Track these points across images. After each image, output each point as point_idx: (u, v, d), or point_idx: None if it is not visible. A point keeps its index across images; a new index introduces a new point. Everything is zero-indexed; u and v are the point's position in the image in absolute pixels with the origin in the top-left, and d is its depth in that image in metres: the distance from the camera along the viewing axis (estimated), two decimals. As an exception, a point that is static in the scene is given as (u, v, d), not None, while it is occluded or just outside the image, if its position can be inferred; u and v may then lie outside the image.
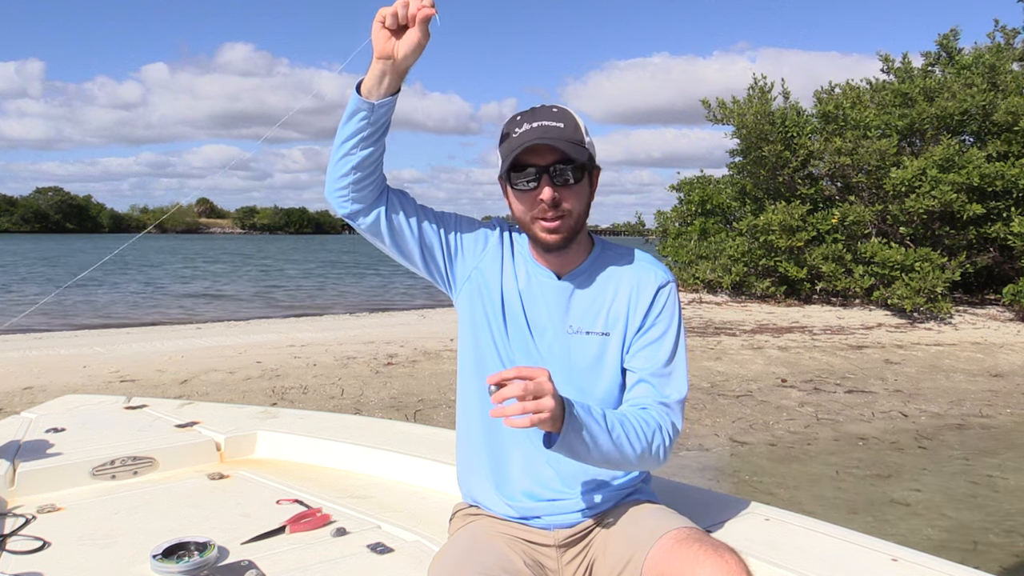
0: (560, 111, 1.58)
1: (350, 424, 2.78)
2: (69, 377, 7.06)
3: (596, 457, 1.46)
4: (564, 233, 1.56)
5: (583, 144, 1.55)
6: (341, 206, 1.58)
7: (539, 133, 1.51)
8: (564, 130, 1.53)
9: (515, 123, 1.56)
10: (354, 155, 1.52)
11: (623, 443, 1.47)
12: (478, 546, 1.53)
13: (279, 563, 1.69)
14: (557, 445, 1.39)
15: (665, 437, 1.54)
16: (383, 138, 1.54)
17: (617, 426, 1.47)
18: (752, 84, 14.92)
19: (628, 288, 1.63)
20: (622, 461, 1.50)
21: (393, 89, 1.49)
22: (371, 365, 7.99)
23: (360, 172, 1.53)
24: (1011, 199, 12.85)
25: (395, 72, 1.47)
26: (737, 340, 10.31)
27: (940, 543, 4.05)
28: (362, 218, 1.58)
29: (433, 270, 1.66)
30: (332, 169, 1.55)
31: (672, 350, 1.61)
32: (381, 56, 1.45)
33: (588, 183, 1.60)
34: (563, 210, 1.54)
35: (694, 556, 1.36)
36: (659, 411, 1.56)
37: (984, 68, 13.63)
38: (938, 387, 8.02)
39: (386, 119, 1.52)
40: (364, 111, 1.49)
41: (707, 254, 15.45)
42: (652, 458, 1.52)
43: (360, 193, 1.56)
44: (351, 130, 1.51)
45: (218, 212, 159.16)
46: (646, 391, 1.58)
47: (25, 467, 2.16)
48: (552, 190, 1.52)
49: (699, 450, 5.75)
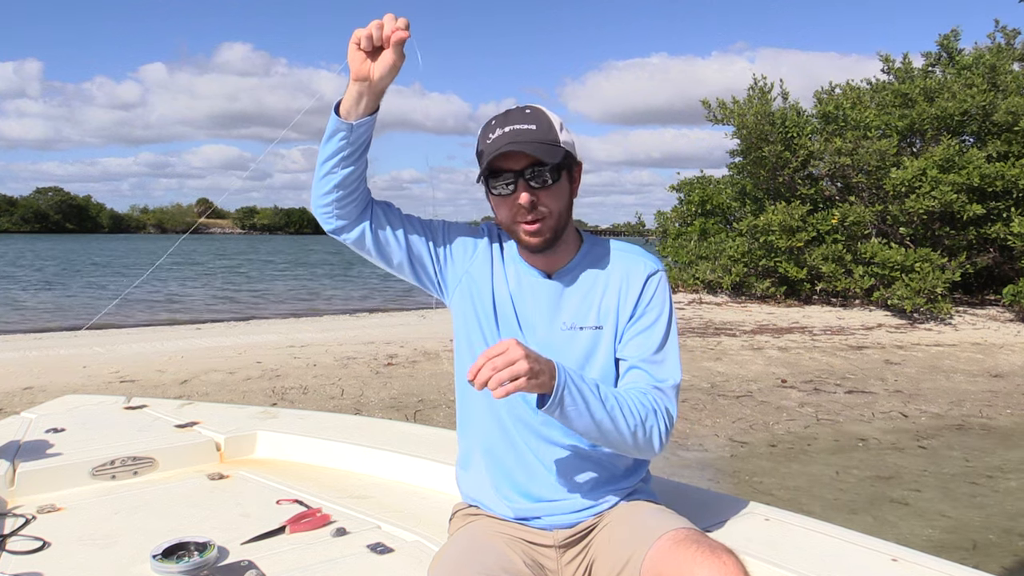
0: (533, 112, 1.58)
1: (350, 424, 2.78)
2: (69, 377, 7.06)
3: (589, 425, 1.46)
4: (546, 234, 1.58)
5: (558, 143, 1.55)
6: (326, 222, 1.61)
7: (510, 138, 1.52)
8: (536, 132, 1.54)
9: (489, 128, 1.58)
10: (336, 174, 1.54)
11: (617, 415, 1.47)
12: (478, 546, 1.53)
13: (279, 563, 1.69)
14: (549, 405, 1.41)
15: (660, 421, 1.53)
16: (363, 156, 1.55)
17: (611, 398, 1.48)
18: (752, 84, 14.93)
19: (618, 280, 1.64)
20: (616, 436, 1.49)
21: (371, 109, 1.51)
22: (371, 365, 7.99)
23: (342, 190, 1.56)
24: (1011, 199, 12.85)
25: (372, 93, 1.48)
26: (737, 340, 10.31)
27: (940, 543, 4.05)
28: (347, 233, 1.61)
29: (423, 278, 1.68)
30: (315, 187, 1.58)
31: (663, 337, 1.61)
32: (357, 78, 1.47)
33: (568, 180, 1.61)
34: (542, 212, 1.56)
35: (691, 557, 1.36)
36: (654, 395, 1.56)
37: (984, 68, 13.64)
38: (938, 387, 8.02)
39: (366, 138, 1.54)
40: (343, 131, 1.50)
41: (707, 254, 15.45)
42: (646, 441, 1.52)
43: (344, 210, 1.58)
44: (331, 150, 1.52)
45: (218, 212, 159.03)
46: (639, 377, 1.59)
47: (25, 467, 2.16)
48: (529, 194, 1.54)
49: (699, 450, 5.75)
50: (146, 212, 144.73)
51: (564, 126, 1.60)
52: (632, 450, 1.55)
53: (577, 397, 1.42)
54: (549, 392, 1.40)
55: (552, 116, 1.59)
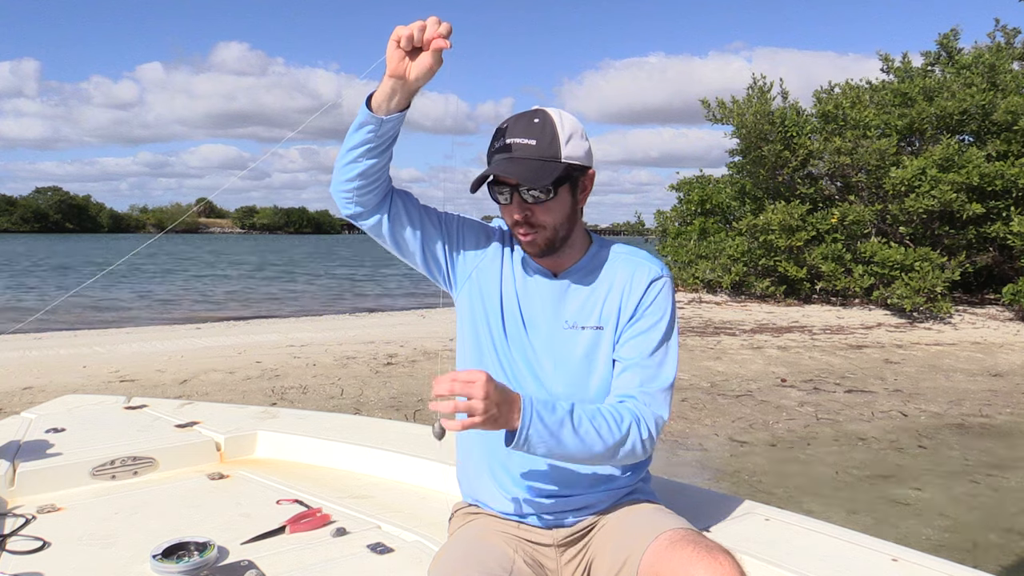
0: (540, 122, 1.56)
1: (350, 424, 2.78)
2: (69, 377, 7.06)
3: (560, 454, 1.46)
4: (540, 245, 1.59)
5: (557, 159, 1.54)
6: (345, 207, 1.61)
7: (505, 156, 1.54)
8: (535, 147, 1.53)
9: (498, 135, 1.58)
10: (360, 163, 1.54)
11: (592, 438, 1.47)
12: (478, 546, 1.53)
13: (279, 563, 1.69)
14: (514, 444, 1.41)
15: (643, 430, 1.53)
16: (389, 149, 1.56)
17: (585, 421, 1.47)
18: (752, 84, 14.93)
19: (622, 282, 1.64)
20: (592, 456, 1.49)
21: (402, 106, 1.51)
22: (371, 365, 7.99)
23: (364, 180, 1.56)
24: (1011, 199, 12.86)
25: (405, 92, 1.49)
26: (737, 340, 10.31)
27: (940, 543, 4.05)
28: (364, 220, 1.62)
29: (434, 270, 1.69)
30: (338, 172, 1.58)
31: (660, 341, 1.61)
32: (393, 75, 1.46)
33: (570, 192, 1.60)
34: (535, 226, 1.57)
35: (688, 558, 1.36)
36: (641, 401, 1.56)
37: (984, 68, 13.64)
38: (938, 387, 8.02)
39: (393, 133, 1.54)
40: (372, 125, 1.51)
41: (707, 254, 15.46)
42: (629, 451, 1.52)
43: (364, 197, 1.59)
44: (358, 140, 1.53)
45: (218, 212, 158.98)
46: (631, 379, 1.59)
47: (25, 467, 2.16)
48: (522, 208, 1.56)
49: (699, 450, 5.75)
50: (145, 212, 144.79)
51: (580, 133, 1.58)
52: (612, 461, 1.55)
53: (544, 434, 1.42)
54: (514, 430, 1.40)
55: (561, 126, 1.56)
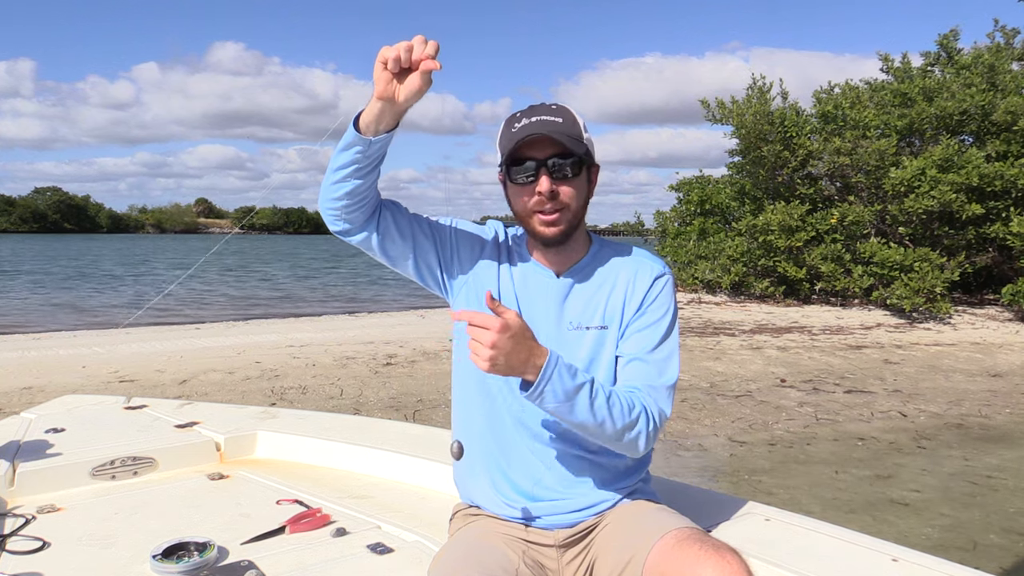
0: (559, 107, 1.60)
1: (350, 424, 2.77)
2: (68, 377, 7.06)
3: (568, 418, 1.46)
4: (562, 226, 1.58)
5: (581, 139, 1.57)
6: (333, 224, 1.60)
7: (537, 127, 1.54)
8: (562, 124, 1.56)
9: (514, 119, 1.59)
10: (347, 183, 1.53)
11: (603, 414, 1.47)
12: (478, 546, 1.53)
13: (279, 563, 1.69)
14: (528, 394, 1.41)
15: (649, 422, 1.53)
16: (377, 169, 1.54)
17: (601, 396, 1.47)
18: (751, 84, 14.94)
19: (625, 281, 1.64)
20: (596, 431, 1.49)
21: (390, 127, 1.49)
22: (370, 365, 7.99)
23: (351, 199, 1.55)
24: (1010, 199, 12.86)
25: (394, 113, 1.47)
26: (736, 340, 10.31)
27: (940, 543, 4.05)
28: (353, 236, 1.61)
29: (429, 279, 1.68)
30: (325, 190, 1.57)
31: (664, 336, 1.62)
32: (381, 97, 1.44)
33: (587, 179, 1.62)
34: (561, 203, 1.56)
35: (695, 556, 1.36)
36: (648, 394, 1.56)
37: (983, 68, 13.65)
38: (937, 387, 8.02)
39: (381, 153, 1.53)
40: (360, 146, 1.49)
41: (706, 254, 15.46)
42: (632, 440, 1.52)
43: (351, 215, 1.58)
44: (345, 160, 1.51)
45: (216, 212, 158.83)
46: (635, 373, 1.59)
47: (25, 467, 2.16)
48: (550, 182, 1.54)
49: (699, 450, 5.75)
50: (144, 212, 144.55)
51: (586, 126, 1.62)
52: (614, 445, 1.55)
53: (559, 393, 1.42)
54: (533, 380, 1.41)
55: (577, 115, 1.61)
